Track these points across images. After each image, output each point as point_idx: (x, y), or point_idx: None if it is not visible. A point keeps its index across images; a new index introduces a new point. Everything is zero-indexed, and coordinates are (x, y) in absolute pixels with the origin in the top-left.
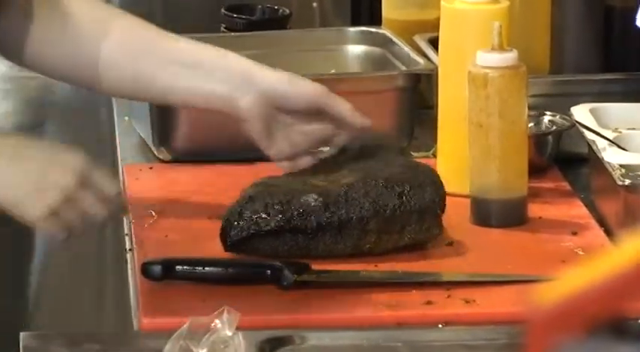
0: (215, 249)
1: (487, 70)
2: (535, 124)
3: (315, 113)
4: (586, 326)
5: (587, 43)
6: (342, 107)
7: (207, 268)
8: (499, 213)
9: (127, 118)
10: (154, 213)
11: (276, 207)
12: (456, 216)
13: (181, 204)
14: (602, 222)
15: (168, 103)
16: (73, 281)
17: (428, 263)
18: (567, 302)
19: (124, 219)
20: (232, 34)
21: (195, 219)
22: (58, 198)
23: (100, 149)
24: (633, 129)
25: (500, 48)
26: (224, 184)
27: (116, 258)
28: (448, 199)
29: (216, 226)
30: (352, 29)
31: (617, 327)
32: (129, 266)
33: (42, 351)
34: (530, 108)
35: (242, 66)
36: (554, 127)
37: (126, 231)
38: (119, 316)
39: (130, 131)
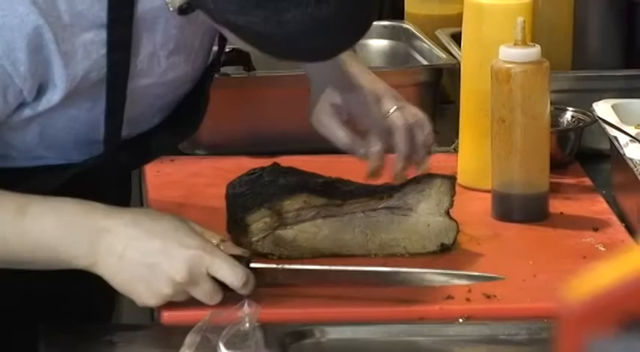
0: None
1: (510, 65)
2: (557, 120)
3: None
4: (618, 322)
5: (609, 39)
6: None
7: None
8: (520, 208)
9: None
10: (175, 206)
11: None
12: (477, 211)
13: (202, 196)
14: (623, 217)
15: None
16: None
17: (448, 257)
18: (599, 297)
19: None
20: None
21: (216, 211)
22: (168, 291)
23: None
24: None
25: (524, 43)
26: None
27: None
28: (470, 194)
29: None
30: (375, 23)
31: None
32: None
33: (62, 343)
34: (552, 103)
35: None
36: (576, 123)
37: None
38: (139, 309)
39: None
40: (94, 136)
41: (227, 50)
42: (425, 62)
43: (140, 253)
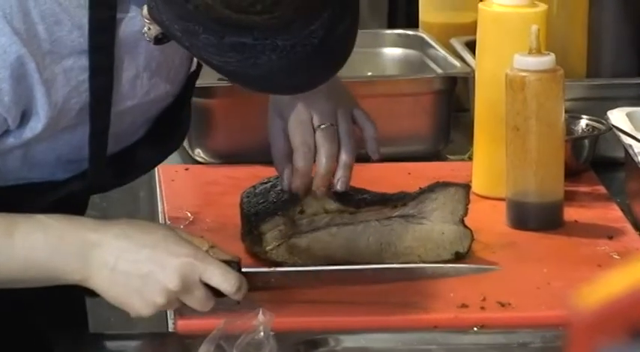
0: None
1: (524, 74)
2: (571, 128)
3: None
4: (628, 330)
5: (624, 47)
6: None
7: None
8: (535, 217)
9: None
10: (189, 214)
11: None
12: (491, 219)
13: (217, 205)
14: (637, 226)
15: None
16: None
17: (462, 264)
18: (610, 305)
19: (160, 221)
20: None
21: (231, 220)
22: (161, 301)
23: None
24: None
25: (538, 51)
26: None
27: None
28: (484, 202)
29: None
30: (389, 32)
31: None
32: None
33: (77, 351)
34: (566, 111)
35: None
36: (591, 131)
37: None
38: (154, 317)
39: None
40: (78, 156)
41: None
42: (439, 71)
43: (132, 264)
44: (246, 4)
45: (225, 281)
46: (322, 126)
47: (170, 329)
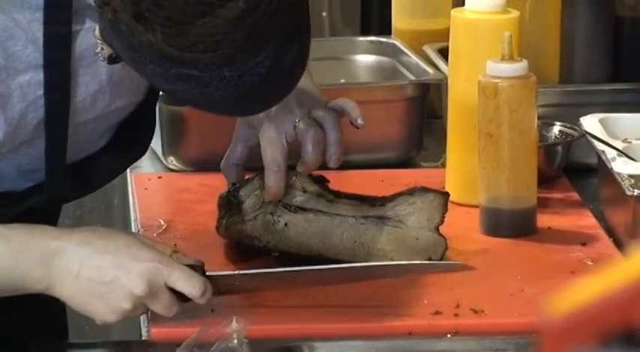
0: (223, 258)
1: (497, 80)
2: (544, 134)
3: None
4: (599, 337)
5: (596, 53)
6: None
7: None
8: (509, 223)
9: None
10: (162, 222)
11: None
12: (465, 226)
13: (190, 213)
14: (611, 232)
15: None
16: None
17: (435, 273)
18: (580, 312)
19: (133, 229)
20: None
21: (204, 228)
22: (127, 306)
23: None
24: None
25: (511, 58)
26: None
27: None
28: (458, 209)
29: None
30: (362, 39)
31: (630, 337)
32: None
33: None
34: (539, 118)
35: None
36: (564, 137)
37: None
38: (127, 325)
39: None
40: (39, 166)
41: None
42: (412, 77)
43: (96, 271)
44: (187, 43)
45: (189, 285)
46: (298, 120)
47: (144, 337)
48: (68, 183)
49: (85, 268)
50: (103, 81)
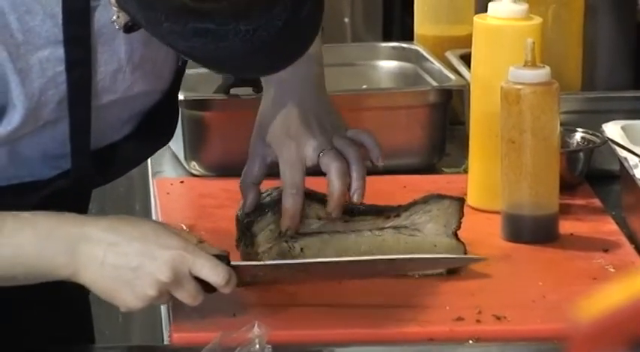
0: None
1: (519, 87)
2: (567, 141)
3: None
4: (626, 342)
5: (619, 60)
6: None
7: None
8: (530, 230)
9: None
10: (185, 227)
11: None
12: (486, 232)
13: (212, 218)
14: (633, 239)
15: None
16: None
17: (457, 278)
18: (608, 317)
19: None
20: None
21: (226, 232)
22: (152, 293)
23: None
24: None
25: (533, 64)
26: None
27: None
28: (479, 215)
29: None
30: (384, 45)
31: None
32: None
33: None
34: (561, 124)
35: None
36: (586, 144)
37: None
38: (149, 330)
39: None
40: (64, 151)
41: None
42: (435, 83)
43: (122, 257)
44: None
45: (215, 274)
46: (323, 151)
47: (165, 342)
48: (93, 168)
49: (111, 254)
50: (122, 60)
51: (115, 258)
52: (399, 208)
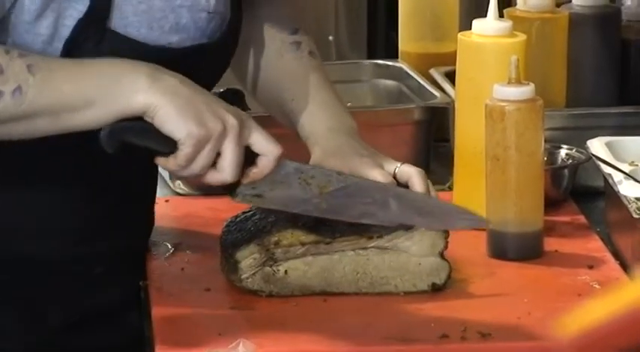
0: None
1: (504, 104)
2: (551, 158)
3: None
4: None
5: (603, 77)
6: None
7: None
8: (515, 247)
9: None
10: (170, 246)
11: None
12: (472, 249)
13: (197, 237)
14: (618, 255)
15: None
16: None
17: (442, 295)
18: (591, 334)
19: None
20: None
21: (211, 252)
22: (216, 127)
23: None
24: None
25: (517, 81)
26: None
27: None
28: (464, 232)
29: None
30: (368, 62)
31: None
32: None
33: None
34: (546, 141)
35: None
36: (571, 161)
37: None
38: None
39: None
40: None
41: (221, 90)
42: (419, 101)
43: (195, 92)
44: None
45: (271, 143)
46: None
47: None
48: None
49: (185, 87)
50: None
51: (189, 90)
52: (382, 229)
